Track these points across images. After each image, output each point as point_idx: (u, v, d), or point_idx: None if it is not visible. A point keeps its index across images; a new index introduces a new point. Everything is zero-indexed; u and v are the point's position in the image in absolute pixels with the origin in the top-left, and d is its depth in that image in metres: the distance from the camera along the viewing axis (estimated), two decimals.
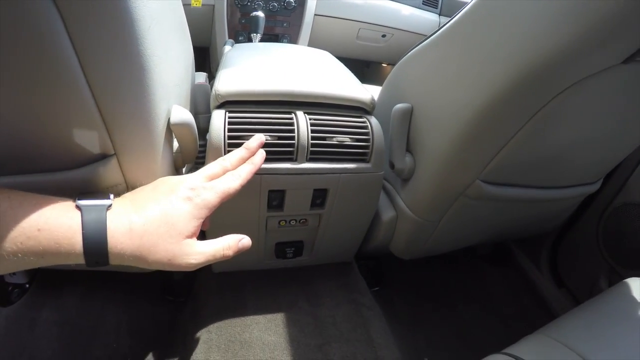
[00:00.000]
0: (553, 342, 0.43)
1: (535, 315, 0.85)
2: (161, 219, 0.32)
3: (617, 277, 0.72)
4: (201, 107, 0.62)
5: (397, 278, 0.88)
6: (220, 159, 0.40)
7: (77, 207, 0.29)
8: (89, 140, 0.34)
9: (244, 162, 0.41)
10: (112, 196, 0.32)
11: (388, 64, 1.51)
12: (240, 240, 0.37)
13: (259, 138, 0.43)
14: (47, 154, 0.34)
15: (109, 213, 0.30)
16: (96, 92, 0.31)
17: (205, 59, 1.27)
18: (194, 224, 0.34)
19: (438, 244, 0.66)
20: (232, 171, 0.39)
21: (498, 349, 0.77)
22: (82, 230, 0.28)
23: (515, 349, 0.43)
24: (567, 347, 0.41)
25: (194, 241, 0.34)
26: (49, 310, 0.67)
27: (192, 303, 0.65)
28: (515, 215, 0.65)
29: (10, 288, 0.69)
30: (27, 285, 0.70)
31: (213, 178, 0.37)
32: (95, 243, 0.29)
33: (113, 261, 0.30)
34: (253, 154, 0.42)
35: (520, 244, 0.95)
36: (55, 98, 0.29)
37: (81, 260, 0.29)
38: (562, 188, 0.60)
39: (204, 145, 0.49)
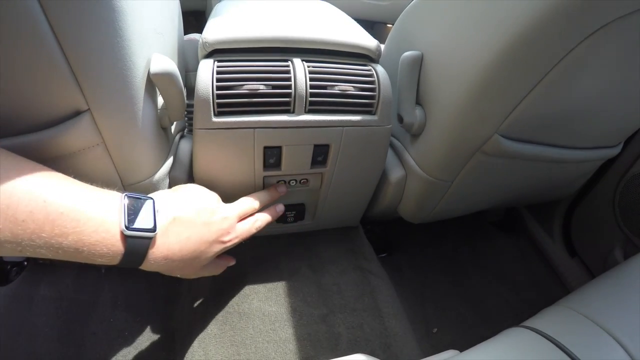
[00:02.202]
0: (575, 314, 0.40)
1: (546, 285, 0.84)
2: (194, 253, 0.40)
3: (632, 247, 0.70)
4: (192, 63, 0.59)
5: (405, 244, 0.86)
6: (252, 199, 0.48)
7: (122, 234, 0.32)
8: (57, 95, 0.32)
9: (270, 202, 0.51)
10: (154, 213, 0.36)
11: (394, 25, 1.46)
12: (228, 263, 0.49)
13: (284, 190, 0.53)
14: (9, 114, 0.32)
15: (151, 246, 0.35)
16: (61, 37, 0.28)
17: (202, 23, 1.23)
18: (213, 258, 0.43)
19: (450, 207, 0.63)
20: (255, 215, 0.48)
21: (509, 318, 0.76)
22: (122, 257, 0.33)
23: (536, 322, 0.41)
24: (591, 320, 0.39)
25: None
26: (45, 286, 0.66)
27: None
28: (532, 177, 0.62)
29: (9, 267, 0.68)
30: (25, 263, 0.69)
31: (243, 217, 0.46)
32: (132, 262, 0.35)
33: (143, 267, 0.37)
34: (278, 197, 0.52)
35: (532, 211, 0.93)
36: (14, 47, 0.27)
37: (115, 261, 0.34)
38: (582, 149, 0.57)
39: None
